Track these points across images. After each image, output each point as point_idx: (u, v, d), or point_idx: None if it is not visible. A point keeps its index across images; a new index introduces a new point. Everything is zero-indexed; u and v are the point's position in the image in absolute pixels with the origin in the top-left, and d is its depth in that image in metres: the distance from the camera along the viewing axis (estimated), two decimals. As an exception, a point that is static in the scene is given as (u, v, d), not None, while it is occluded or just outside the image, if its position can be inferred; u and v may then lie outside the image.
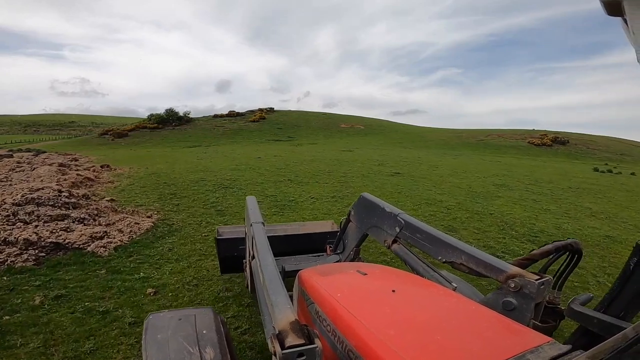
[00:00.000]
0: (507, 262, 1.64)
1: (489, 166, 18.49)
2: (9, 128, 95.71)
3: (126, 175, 11.27)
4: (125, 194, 8.31)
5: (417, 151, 28.54)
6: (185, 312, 1.69)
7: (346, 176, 11.65)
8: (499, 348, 1.00)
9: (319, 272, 1.63)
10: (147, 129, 42.89)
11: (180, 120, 46.08)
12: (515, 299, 1.48)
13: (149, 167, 13.72)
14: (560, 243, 1.78)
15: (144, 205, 7.24)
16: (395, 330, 1.11)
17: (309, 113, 63.08)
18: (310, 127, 47.72)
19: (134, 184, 9.58)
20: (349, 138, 41.97)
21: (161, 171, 12.18)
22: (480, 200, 9.24)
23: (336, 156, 19.41)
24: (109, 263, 4.48)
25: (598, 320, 1.49)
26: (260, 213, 2.46)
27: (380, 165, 15.51)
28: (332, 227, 3.84)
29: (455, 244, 1.83)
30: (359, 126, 51.11)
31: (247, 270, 2.63)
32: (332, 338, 1.24)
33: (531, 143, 38.14)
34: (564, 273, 1.84)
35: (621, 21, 0.60)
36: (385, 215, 2.33)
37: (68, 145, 36.81)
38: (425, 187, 10.39)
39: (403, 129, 53.22)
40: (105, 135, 41.30)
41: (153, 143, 35.48)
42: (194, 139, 37.19)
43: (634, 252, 1.50)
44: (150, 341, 1.45)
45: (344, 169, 13.53)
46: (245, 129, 43.65)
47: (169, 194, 8.25)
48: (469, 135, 42.78)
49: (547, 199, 9.88)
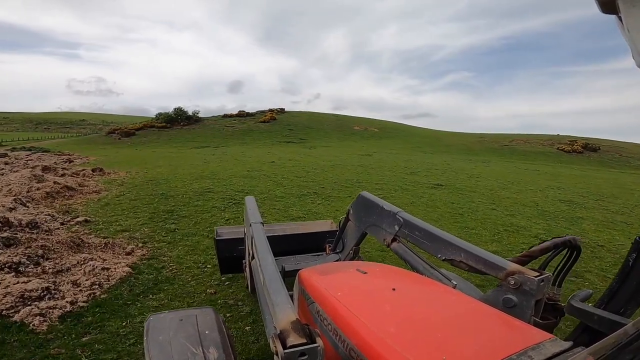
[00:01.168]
0: (506, 259, 1.62)
1: (533, 176, 16.32)
2: (20, 126, 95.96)
3: (119, 181, 9.44)
4: (108, 210, 6.44)
5: (440, 156, 26.37)
6: (186, 312, 1.67)
7: (382, 189, 9.64)
8: (501, 345, 0.98)
9: (319, 271, 1.60)
10: (154, 128, 41.52)
11: (188, 120, 44.65)
12: (516, 296, 1.47)
13: (148, 171, 11.92)
14: (559, 239, 1.75)
15: (127, 230, 5.33)
16: (397, 328, 1.09)
17: (320, 114, 61.23)
18: (322, 129, 45.79)
19: (124, 194, 7.72)
20: (364, 141, 39.91)
21: (161, 177, 10.35)
22: (563, 222, 7.22)
23: (357, 161, 17.42)
24: (45, 348, 2.60)
25: (598, 317, 1.47)
26: (259, 213, 2.38)
27: (412, 174, 13.47)
28: (331, 227, 3.76)
29: (454, 242, 1.81)
30: (373, 129, 49.01)
31: (247, 270, 2.62)
32: (334, 337, 1.22)
33: (561, 149, 35.70)
34: (564, 269, 1.79)
35: (616, 19, 0.59)
36: (384, 213, 2.30)
37: (73, 144, 35.55)
38: (485, 206, 8.34)
39: (419, 132, 50.92)
40: (112, 134, 40.04)
41: (159, 143, 33.94)
42: (202, 139, 35.56)
43: (633, 248, 1.51)
44: (153, 343, 1.42)
45: (374, 178, 11.53)
46: (256, 129, 41.93)
47: (164, 212, 6.34)
48: (491, 140, 40.37)
49: (634, 219, 7.99)
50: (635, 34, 0.53)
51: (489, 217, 7.18)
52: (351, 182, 10.43)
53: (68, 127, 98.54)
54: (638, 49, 0.53)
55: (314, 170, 13.01)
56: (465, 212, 7.47)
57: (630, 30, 0.53)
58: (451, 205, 8.18)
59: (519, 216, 7.51)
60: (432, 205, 7.97)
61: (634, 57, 0.54)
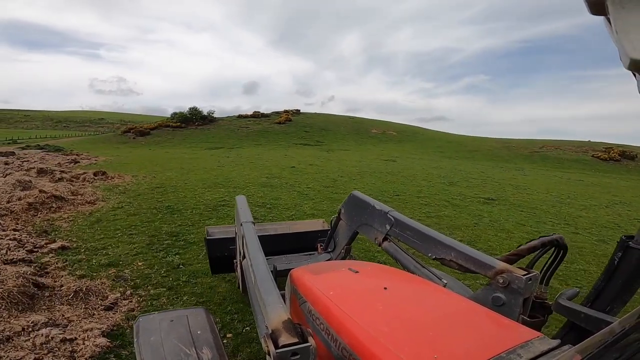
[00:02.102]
0: (494, 258, 1.62)
1: (581, 188, 14.43)
2: (40, 123, 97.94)
3: (121, 188, 8.18)
4: (97, 230, 5.10)
5: (468, 163, 24.49)
6: (176, 313, 1.65)
7: (429, 204, 8.07)
8: (491, 343, 1.00)
9: (310, 270, 1.58)
10: (169, 127, 40.86)
11: (203, 120, 43.87)
12: (504, 295, 1.47)
13: (157, 175, 10.68)
14: (546, 238, 1.76)
15: (115, 264, 3.97)
16: (388, 327, 1.09)
17: (336, 116, 59.76)
18: (339, 131, 44.27)
19: (123, 207, 6.41)
20: (383, 145, 38.21)
21: (169, 183, 9.06)
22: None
23: (383, 167, 15.85)
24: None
25: (585, 315, 1.49)
26: (250, 212, 2.35)
27: (452, 184, 11.83)
28: (323, 226, 3.72)
29: (444, 241, 1.80)
30: (391, 132, 47.17)
31: (238, 270, 2.53)
32: (326, 336, 1.21)
33: (596, 157, 33.19)
34: (551, 268, 1.79)
35: (604, 20, 0.59)
36: (376, 213, 2.28)
37: (88, 143, 35.13)
38: (563, 228, 6.70)
39: (438, 137, 48.77)
40: (127, 133, 39.56)
41: (173, 143, 33.11)
42: (217, 140, 34.57)
43: (619, 247, 1.54)
44: (144, 344, 1.39)
45: (411, 189, 9.96)
46: (271, 130, 40.76)
47: (167, 235, 4.97)
48: (518, 145, 38.03)
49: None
50: (624, 35, 0.52)
51: (582, 247, 5.55)
52: (389, 195, 8.90)
53: (87, 126, 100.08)
54: (626, 51, 0.52)
55: (340, 178, 11.53)
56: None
57: (618, 32, 0.53)
58: (523, 227, 6.55)
59: (614, 243, 5.84)
60: (502, 229, 6.36)
61: (622, 59, 0.54)
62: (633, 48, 0.51)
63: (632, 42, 0.51)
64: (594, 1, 0.55)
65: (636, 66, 0.51)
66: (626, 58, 0.52)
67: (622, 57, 0.54)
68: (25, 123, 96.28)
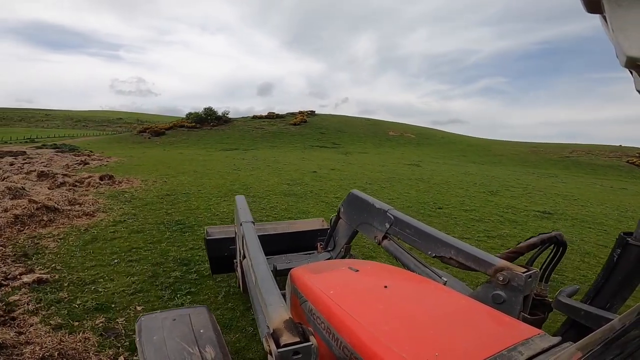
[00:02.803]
0: (494, 256, 1.62)
1: (629, 197, 12.84)
2: (60, 123, 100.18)
3: (127, 196, 7.28)
4: (89, 253, 4.15)
5: (498, 169, 22.93)
6: (179, 312, 1.64)
7: (482, 220, 6.85)
8: (491, 341, 0.99)
9: (310, 269, 1.57)
10: (184, 127, 40.55)
11: (218, 120, 43.43)
12: (504, 292, 1.46)
13: (169, 179, 9.79)
14: (545, 235, 1.75)
15: (105, 308, 2.98)
16: (389, 325, 1.09)
17: (351, 118, 58.56)
18: (355, 133, 43.07)
19: (125, 221, 5.46)
20: (402, 148, 36.80)
21: (182, 190, 8.13)
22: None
23: (411, 173, 14.63)
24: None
25: (585, 312, 1.47)
26: (250, 212, 2.32)
27: (493, 194, 10.54)
28: (322, 225, 3.67)
29: (444, 239, 1.80)
30: (409, 134, 45.65)
31: (239, 270, 2.51)
32: (327, 335, 1.21)
33: (631, 163, 30.99)
34: (550, 265, 1.77)
35: (600, 19, 0.59)
36: (375, 211, 2.27)
37: (104, 142, 35.05)
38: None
39: (459, 140, 46.94)
40: (143, 133, 39.42)
41: (188, 144, 32.60)
42: (231, 141, 33.90)
43: (617, 243, 1.52)
44: (147, 343, 1.38)
45: (453, 201, 8.75)
46: (286, 132, 39.92)
47: (176, 263, 3.96)
48: (546, 150, 36.00)
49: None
50: (620, 33, 0.52)
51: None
52: (430, 208, 7.73)
53: (105, 125, 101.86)
54: (622, 48, 0.52)
55: (368, 185, 10.40)
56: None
57: (614, 30, 0.53)
58: (606, 250, 5.28)
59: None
60: (584, 252, 5.12)
61: (618, 56, 0.54)
62: (629, 46, 0.51)
63: (628, 39, 0.51)
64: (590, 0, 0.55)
65: (632, 64, 0.51)
66: (622, 56, 0.52)
67: (618, 55, 0.54)
68: (46, 122, 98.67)
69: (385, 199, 8.56)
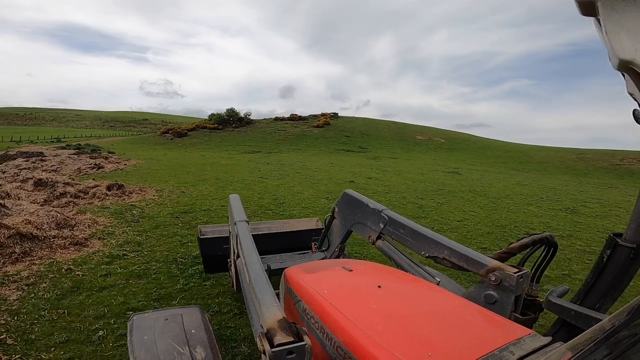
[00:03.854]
0: (486, 256, 1.62)
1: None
2: (90, 123, 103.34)
3: (135, 213, 5.91)
4: (59, 319, 2.72)
5: (549, 178, 20.49)
6: (171, 311, 1.64)
7: (595, 253, 5.01)
8: (483, 340, 0.99)
9: (304, 269, 1.57)
10: (206, 129, 39.99)
11: (240, 122, 42.66)
12: (496, 292, 1.47)
13: (187, 189, 8.45)
14: (536, 236, 1.75)
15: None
16: (382, 325, 1.09)
17: (375, 121, 56.60)
18: (381, 136, 41.13)
19: (126, 255, 4.03)
20: (434, 153, 34.57)
21: (201, 205, 6.71)
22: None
23: (457, 184, 12.74)
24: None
25: (575, 312, 1.48)
26: (244, 211, 2.27)
27: (572, 212, 8.56)
28: (317, 225, 3.65)
29: (437, 239, 1.80)
30: (439, 139, 43.20)
31: (232, 269, 2.46)
32: (321, 335, 1.21)
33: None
34: (541, 266, 1.78)
35: (594, 21, 0.59)
36: (369, 211, 2.26)
37: (127, 143, 34.82)
38: None
39: (494, 145, 44.01)
40: (166, 134, 39.13)
41: (210, 145, 31.74)
42: (254, 143, 32.81)
43: (607, 244, 1.52)
44: (137, 343, 1.38)
45: (534, 221, 6.88)
46: (309, 134, 38.51)
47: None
48: (594, 157, 32.74)
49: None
50: (613, 36, 0.52)
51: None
52: (517, 233, 5.93)
53: (131, 126, 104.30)
54: (615, 51, 0.52)
55: (421, 200, 8.67)
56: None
57: (608, 33, 0.53)
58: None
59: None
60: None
61: (611, 59, 0.53)
62: (622, 49, 0.51)
63: (621, 42, 0.51)
64: (584, 2, 0.56)
65: (624, 66, 0.51)
66: (615, 58, 0.52)
67: (611, 58, 0.54)
68: (76, 122, 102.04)
69: (445, 216, 6.85)
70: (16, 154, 14.31)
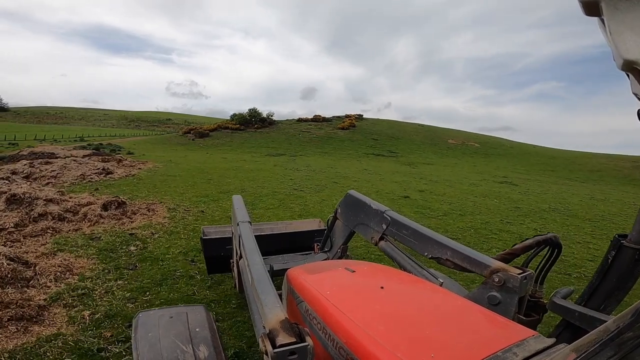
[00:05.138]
0: (490, 257, 1.60)
1: None
2: (116, 122, 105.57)
3: (134, 250, 4.14)
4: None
5: (617, 191, 17.63)
6: (176, 309, 1.63)
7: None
8: (486, 342, 0.98)
9: (307, 270, 1.56)
10: (228, 129, 38.82)
11: (262, 122, 41.29)
12: (500, 294, 1.45)
13: (207, 207, 6.69)
14: (541, 237, 1.73)
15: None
16: (385, 326, 1.08)
17: (401, 123, 54.01)
18: (410, 139, 38.64)
19: (100, 354, 2.21)
20: (469, 158, 31.84)
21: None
22: None
23: (522, 197, 10.45)
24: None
25: (579, 314, 1.46)
26: (247, 212, 2.26)
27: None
28: (320, 226, 3.63)
29: (441, 240, 1.78)
30: (472, 143, 40.24)
31: (235, 270, 2.51)
32: (323, 336, 1.19)
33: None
34: (545, 267, 1.74)
35: (598, 21, 0.59)
36: (372, 212, 2.24)
37: (148, 143, 34.03)
38: None
39: (534, 151, 40.59)
40: (187, 134, 38.26)
41: (232, 146, 30.38)
42: (277, 145, 31.19)
43: (612, 245, 1.49)
44: (141, 340, 1.37)
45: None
46: (335, 137, 36.58)
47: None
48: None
49: None
50: (617, 36, 0.52)
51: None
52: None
53: (155, 125, 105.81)
54: (619, 51, 0.51)
55: (507, 225, 6.55)
56: None
57: (612, 33, 0.52)
58: None
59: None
60: None
61: (615, 59, 0.53)
62: (626, 49, 0.50)
63: (625, 42, 0.51)
64: (588, 2, 0.55)
65: (629, 67, 0.51)
66: (619, 59, 0.51)
67: (615, 58, 0.53)
68: (103, 121, 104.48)
69: (584, 259, 4.71)
70: (28, 154, 13.16)
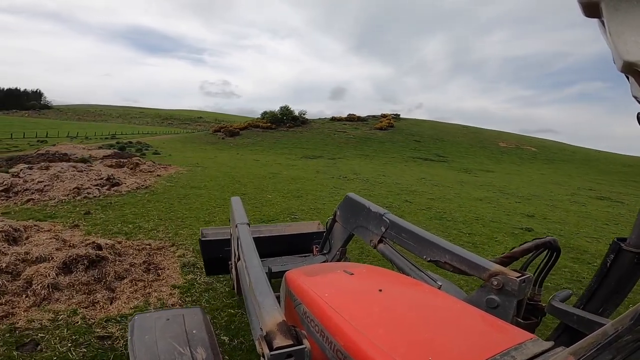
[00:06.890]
0: (489, 260, 1.59)
1: None
2: (150, 120, 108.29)
3: None
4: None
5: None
6: (173, 312, 1.63)
7: None
8: (485, 345, 0.97)
9: (305, 272, 1.54)
10: (259, 128, 36.99)
11: (294, 121, 39.15)
12: (498, 297, 1.45)
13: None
14: (540, 241, 1.73)
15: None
16: (383, 329, 1.07)
17: (446, 124, 50.12)
18: (457, 142, 34.91)
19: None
20: (532, 165, 27.77)
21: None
22: None
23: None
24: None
25: (578, 317, 1.46)
26: (246, 213, 2.24)
27: None
28: (318, 228, 3.58)
29: (439, 243, 1.78)
30: (529, 147, 35.81)
31: (233, 271, 2.50)
32: (321, 338, 1.18)
33: None
34: (544, 270, 1.73)
35: (598, 23, 0.59)
36: (371, 215, 2.23)
37: (178, 142, 32.81)
38: None
39: (602, 157, 35.54)
40: (217, 132, 36.84)
41: (263, 147, 28.31)
42: (312, 146, 28.78)
43: (611, 249, 1.50)
44: (138, 342, 1.37)
45: None
46: (373, 137, 33.63)
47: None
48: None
49: None
50: (617, 38, 0.52)
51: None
52: None
53: (187, 123, 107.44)
54: (619, 53, 0.51)
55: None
56: None
57: (612, 34, 0.52)
58: None
59: None
60: None
61: (615, 61, 0.53)
62: (626, 50, 0.50)
63: (625, 44, 0.51)
64: (588, 3, 0.55)
65: (629, 68, 0.51)
66: (619, 60, 0.51)
67: (615, 60, 0.53)
68: (139, 119, 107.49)
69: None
70: (36, 155, 11.47)
